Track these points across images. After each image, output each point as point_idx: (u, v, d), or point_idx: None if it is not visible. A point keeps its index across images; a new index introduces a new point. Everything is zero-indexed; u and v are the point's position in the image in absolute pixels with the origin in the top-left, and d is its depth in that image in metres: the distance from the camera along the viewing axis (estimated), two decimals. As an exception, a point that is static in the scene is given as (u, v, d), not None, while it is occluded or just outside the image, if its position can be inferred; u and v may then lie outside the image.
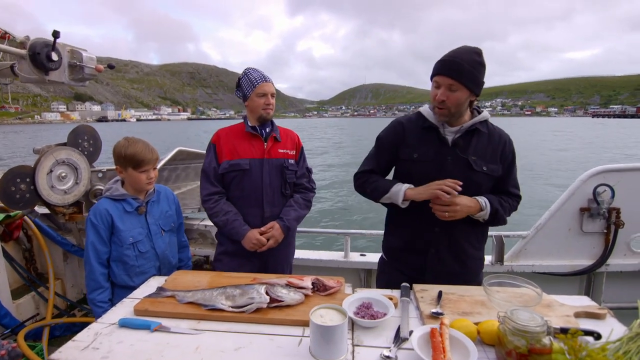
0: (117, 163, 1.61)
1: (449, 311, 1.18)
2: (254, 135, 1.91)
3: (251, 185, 1.87)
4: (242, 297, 1.21)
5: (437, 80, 1.41)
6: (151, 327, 1.13)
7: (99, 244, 1.57)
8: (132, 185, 1.64)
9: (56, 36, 1.62)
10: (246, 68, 1.95)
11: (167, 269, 1.75)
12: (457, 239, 1.52)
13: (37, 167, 2.17)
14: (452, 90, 1.38)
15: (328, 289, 1.30)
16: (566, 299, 1.28)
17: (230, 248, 1.93)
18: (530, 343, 0.89)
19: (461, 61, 1.36)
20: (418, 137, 1.54)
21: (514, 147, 1.56)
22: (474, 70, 1.37)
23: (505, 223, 1.52)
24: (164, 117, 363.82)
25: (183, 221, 1.93)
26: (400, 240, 1.62)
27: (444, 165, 1.47)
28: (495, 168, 1.49)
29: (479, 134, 1.49)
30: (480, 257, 1.62)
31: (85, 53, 1.81)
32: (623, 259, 2.36)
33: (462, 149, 1.46)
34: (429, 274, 1.52)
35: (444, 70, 1.38)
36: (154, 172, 1.64)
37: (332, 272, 2.55)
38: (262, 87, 1.85)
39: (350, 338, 1.08)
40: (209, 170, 1.90)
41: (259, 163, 1.88)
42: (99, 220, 1.56)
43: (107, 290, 1.60)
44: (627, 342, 0.98)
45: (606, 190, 2.26)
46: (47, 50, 1.64)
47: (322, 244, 6.00)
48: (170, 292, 1.32)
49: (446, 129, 1.49)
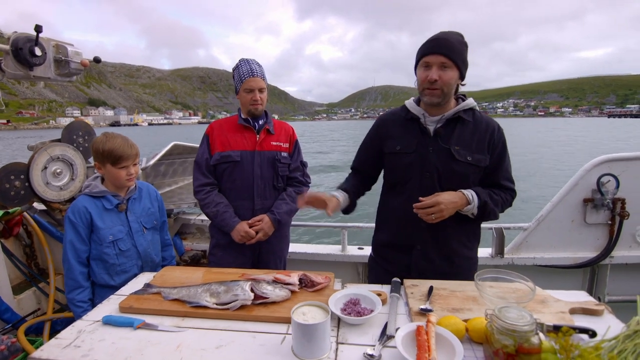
0: (95, 159, 1.58)
1: (438, 307, 1.15)
2: (247, 127, 1.90)
3: (242, 177, 1.86)
4: (226, 294, 1.19)
5: (428, 60, 1.36)
6: (134, 325, 1.12)
7: (78, 242, 1.55)
8: (111, 182, 1.61)
9: (39, 31, 1.59)
10: (239, 60, 1.91)
11: (149, 268, 1.72)
12: (445, 237, 1.46)
13: (31, 163, 2.17)
14: (444, 68, 1.33)
15: (315, 285, 1.28)
16: (562, 294, 1.23)
17: (222, 241, 1.93)
18: (518, 342, 0.85)
19: (450, 38, 1.34)
20: (401, 129, 1.50)
21: (504, 137, 1.48)
22: (462, 49, 1.36)
23: (497, 218, 1.45)
24: (175, 121, 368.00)
25: (167, 219, 1.91)
26: (386, 235, 1.58)
27: (426, 156, 1.42)
28: (482, 158, 1.41)
29: (463, 123, 1.42)
30: (472, 256, 1.55)
31: (70, 47, 1.78)
32: (628, 250, 2.29)
33: (444, 138, 1.41)
34: (414, 273, 1.46)
35: (436, 48, 1.34)
36: (134, 168, 1.61)
37: (329, 266, 2.54)
38: (248, 82, 1.82)
39: (335, 335, 1.06)
40: (201, 162, 1.89)
41: (250, 155, 1.87)
42: (77, 218, 1.54)
43: (86, 290, 1.58)
44: (623, 340, 0.93)
45: (610, 180, 2.18)
46: (30, 45, 1.61)
47: (320, 237, 6.00)
48: (157, 288, 1.31)
49: (427, 118, 1.44)
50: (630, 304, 2.30)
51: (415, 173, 1.44)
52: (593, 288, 2.38)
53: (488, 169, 1.45)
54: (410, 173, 1.45)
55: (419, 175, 1.44)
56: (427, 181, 1.43)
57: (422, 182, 1.43)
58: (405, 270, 1.48)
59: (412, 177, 1.46)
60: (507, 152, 1.48)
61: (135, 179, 1.65)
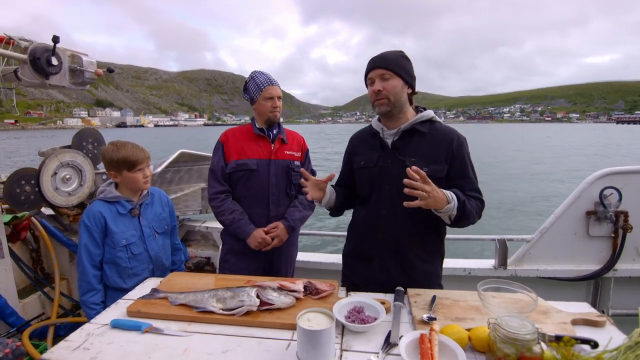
0: (109, 168, 1.62)
1: (441, 316, 1.16)
2: (262, 136, 1.94)
3: (258, 185, 1.90)
4: (232, 300, 1.21)
5: (370, 76, 1.45)
6: (142, 329, 1.14)
7: (92, 246, 1.58)
8: (129, 187, 1.65)
9: (56, 41, 1.65)
10: (253, 71, 1.97)
11: (160, 272, 1.75)
12: (402, 248, 1.46)
13: (41, 169, 2.21)
14: (385, 78, 1.41)
15: (320, 293, 1.29)
16: (565, 305, 1.24)
17: (236, 247, 1.95)
18: (520, 351, 0.87)
19: (387, 54, 1.45)
20: (365, 145, 1.58)
21: (466, 148, 1.46)
22: (399, 60, 1.44)
23: (474, 223, 1.42)
24: (181, 122, 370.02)
25: (177, 224, 1.94)
26: (351, 245, 1.63)
27: (385, 169, 1.46)
28: (439, 169, 1.41)
29: (420, 134, 1.45)
30: (432, 270, 1.53)
31: (85, 57, 1.84)
32: (632, 264, 2.29)
33: (401, 151, 1.45)
34: (372, 285, 1.44)
35: (375, 64, 1.44)
36: (148, 169, 1.66)
37: (332, 275, 2.55)
38: (268, 90, 1.87)
39: (340, 343, 1.07)
40: (217, 169, 1.92)
41: (265, 163, 1.91)
42: (92, 222, 1.58)
43: (99, 292, 1.61)
44: (624, 352, 0.94)
45: (613, 193, 2.19)
46: (48, 55, 1.67)
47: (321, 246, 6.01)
48: (164, 293, 1.33)
49: (385, 132, 1.50)
50: (634, 317, 2.29)
51: (376, 186, 1.49)
52: (597, 301, 2.38)
53: (450, 179, 1.43)
54: (373, 186, 1.50)
55: (379, 188, 1.49)
56: (386, 194, 1.46)
57: (381, 195, 1.47)
58: (366, 282, 1.49)
59: (374, 191, 1.50)
60: (470, 163, 1.46)
61: (150, 181, 1.70)
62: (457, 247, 4.75)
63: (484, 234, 2.55)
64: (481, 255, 4.39)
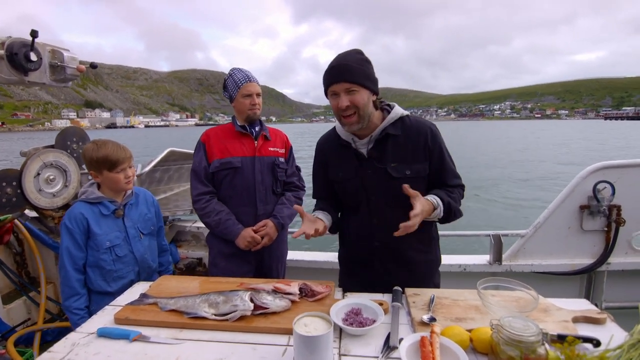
0: (90, 168, 1.55)
1: (441, 317, 1.13)
2: (244, 134, 1.90)
3: (243, 183, 1.86)
4: (225, 305, 1.16)
5: (333, 89, 1.31)
6: (130, 337, 1.09)
7: (75, 249, 1.52)
8: (110, 188, 1.59)
9: (34, 36, 1.57)
10: (231, 69, 1.93)
11: (146, 274, 1.70)
12: (401, 249, 1.44)
13: (23, 170, 2.12)
14: (352, 92, 1.29)
15: (316, 295, 1.25)
16: (564, 302, 1.23)
17: (224, 250, 1.90)
18: (524, 353, 0.84)
19: (348, 62, 1.29)
20: (338, 155, 1.49)
21: (440, 137, 1.42)
22: (363, 68, 1.30)
23: (462, 215, 1.41)
24: (172, 123, 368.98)
25: (163, 225, 1.88)
26: (347, 250, 1.59)
27: (367, 179, 1.40)
28: (421, 168, 1.39)
29: (394, 138, 1.38)
30: (430, 259, 1.52)
31: (66, 53, 1.76)
32: (624, 257, 2.30)
33: (379, 159, 1.38)
34: (377, 285, 1.38)
35: (336, 77, 1.29)
36: (130, 170, 1.59)
37: (326, 274, 2.51)
38: (246, 87, 1.83)
39: (337, 347, 1.03)
40: (199, 170, 1.87)
41: (250, 161, 1.87)
42: (73, 224, 1.51)
43: (83, 297, 1.55)
44: (628, 350, 0.92)
45: (606, 187, 2.20)
46: (26, 50, 1.58)
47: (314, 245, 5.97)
48: (153, 299, 1.28)
49: (357, 142, 1.42)
50: (628, 310, 2.31)
51: (362, 197, 1.44)
52: (590, 294, 2.39)
53: (432, 174, 1.41)
54: (358, 198, 1.44)
55: (365, 199, 1.43)
56: (374, 204, 1.42)
57: (370, 205, 1.43)
58: (369, 284, 1.44)
59: (361, 201, 1.45)
60: (446, 151, 1.44)
61: (133, 181, 1.63)
62: (452, 243, 4.75)
63: (479, 230, 2.53)
64: (475, 250, 4.41)
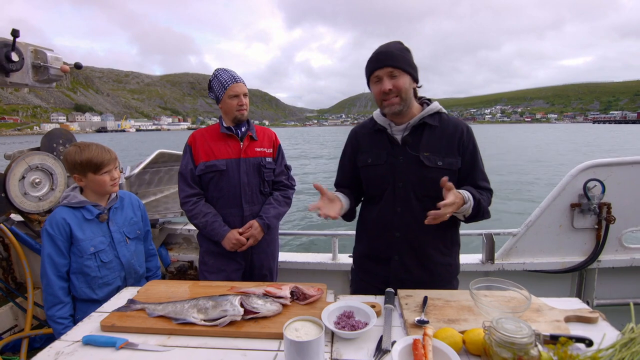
0: (73, 172, 1.51)
1: (434, 319, 1.12)
2: (230, 135, 1.89)
3: (229, 185, 1.85)
4: (214, 310, 1.14)
5: (377, 74, 1.38)
6: (117, 345, 1.06)
7: (57, 256, 1.47)
8: (95, 190, 1.55)
9: (16, 35, 1.52)
10: (216, 69, 1.92)
11: (133, 280, 1.66)
12: (421, 244, 1.42)
13: (7, 173, 2.07)
14: (394, 76, 1.35)
15: (308, 298, 1.24)
16: (556, 301, 1.22)
17: (213, 248, 1.91)
18: (517, 355, 0.83)
19: (391, 49, 1.37)
20: (371, 141, 1.50)
21: (474, 137, 1.45)
22: (405, 55, 1.38)
23: (490, 216, 1.41)
24: (164, 127, 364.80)
25: (150, 228, 1.85)
26: (364, 246, 1.56)
27: (397, 166, 1.41)
28: (454, 161, 1.40)
29: (430, 128, 1.41)
30: (451, 262, 1.50)
31: (50, 53, 1.71)
32: (615, 254, 2.32)
33: (413, 146, 1.40)
34: (393, 284, 1.37)
35: (380, 62, 1.36)
36: (116, 171, 1.56)
37: (320, 275, 2.50)
38: (233, 88, 1.82)
39: (329, 351, 1.02)
40: (186, 173, 1.87)
41: (235, 163, 1.86)
42: (55, 230, 1.46)
43: (67, 306, 1.51)
44: (620, 349, 0.92)
45: (596, 185, 2.22)
46: (7, 50, 1.54)
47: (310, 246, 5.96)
48: (141, 304, 1.24)
49: (394, 128, 1.44)
50: (618, 307, 2.33)
51: (389, 184, 1.42)
52: (582, 292, 2.41)
53: (462, 171, 1.42)
54: (384, 184, 1.43)
55: (392, 186, 1.42)
56: (400, 191, 1.41)
57: (396, 193, 1.42)
58: (385, 282, 1.43)
59: (387, 189, 1.44)
60: (479, 152, 1.46)
61: (119, 183, 1.60)
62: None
63: (471, 229, 2.53)
64: (467, 249, 4.42)
